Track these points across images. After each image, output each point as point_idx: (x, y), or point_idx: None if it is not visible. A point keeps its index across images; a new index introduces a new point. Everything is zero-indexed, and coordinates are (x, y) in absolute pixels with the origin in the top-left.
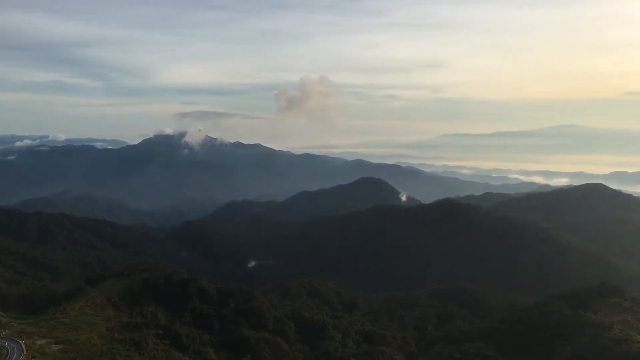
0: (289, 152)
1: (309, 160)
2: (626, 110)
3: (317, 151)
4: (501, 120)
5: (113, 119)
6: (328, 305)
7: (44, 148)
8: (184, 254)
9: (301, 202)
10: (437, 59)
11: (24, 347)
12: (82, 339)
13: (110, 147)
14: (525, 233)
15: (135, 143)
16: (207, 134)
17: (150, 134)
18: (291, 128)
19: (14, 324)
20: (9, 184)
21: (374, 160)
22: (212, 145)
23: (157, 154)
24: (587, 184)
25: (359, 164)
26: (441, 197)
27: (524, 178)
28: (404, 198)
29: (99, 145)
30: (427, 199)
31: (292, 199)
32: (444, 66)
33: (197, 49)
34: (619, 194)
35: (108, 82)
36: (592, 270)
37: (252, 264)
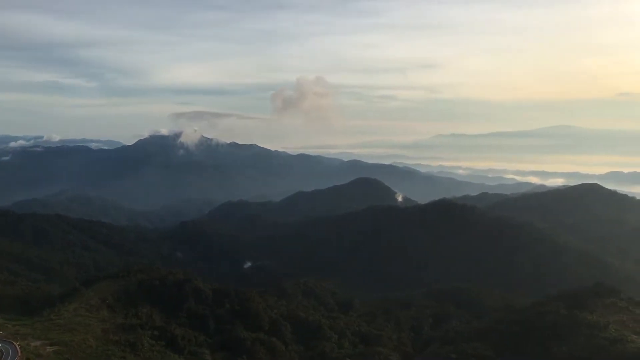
0: (285, 152)
1: (305, 161)
2: (621, 111)
3: (313, 151)
4: (497, 121)
5: (108, 120)
6: (324, 305)
7: (38, 149)
8: (180, 254)
9: (297, 202)
10: (433, 60)
11: (18, 349)
12: (77, 340)
13: (105, 147)
14: (521, 233)
15: (131, 143)
16: (202, 135)
17: (146, 135)
18: (287, 128)
19: (9, 326)
20: (4, 184)
21: (370, 161)
22: (208, 146)
23: (153, 155)
24: (583, 184)
25: (355, 164)
26: (437, 197)
27: (519, 178)
28: (400, 198)
29: (93, 145)
30: (423, 199)
31: (288, 200)
32: (440, 67)
33: (192, 50)
34: (614, 194)
35: (103, 83)
36: (588, 270)
37: (247, 264)
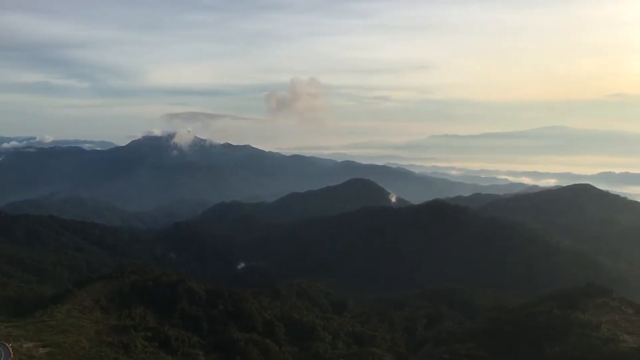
0: (279, 153)
1: (298, 162)
2: (612, 112)
3: (307, 152)
4: (490, 122)
5: (101, 120)
6: (318, 306)
7: (31, 149)
8: (173, 255)
9: (291, 203)
10: (426, 61)
11: (11, 350)
12: (69, 341)
13: (98, 148)
14: (514, 234)
15: (124, 144)
16: (196, 135)
17: (139, 135)
18: (281, 129)
19: (1, 327)
20: None
21: (363, 161)
22: (201, 147)
23: (146, 156)
24: (575, 185)
25: (349, 165)
26: (431, 198)
27: (512, 179)
28: (393, 199)
29: (86, 146)
30: (416, 199)
31: (282, 200)
32: (434, 68)
33: (186, 50)
34: (606, 194)
35: (96, 83)
36: (581, 270)
37: (241, 265)
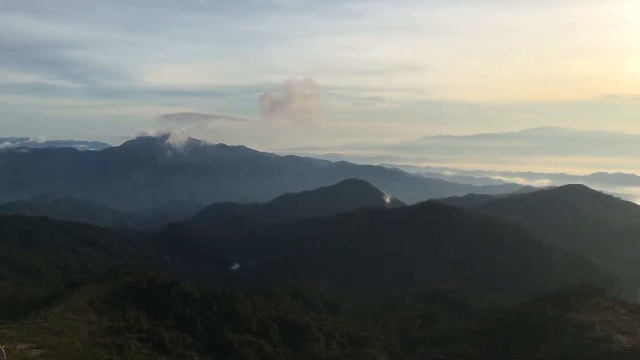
0: (273, 154)
1: (293, 162)
2: (605, 113)
3: (301, 153)
4: (483, 122)
5: (95, 121)
6: (312, 307)
7: (24, 150)
8: (167, 256)
9: (285, 204)
10: (420, 62)
11: (4, 352)
12: (63, 343)
13: (91, 149)
14: (508, 234)
15: (118, 145)
16: (190, 136)
17: (133, 136)
18: (275, 130)
19: None
20: None
21: (358, 162)
22: (196, 147)
23: (140, 156)
24: (569, 185)
25: (343, 165)
26: (425, 198)
27: (506, 179)
28: (388, 199)
29: (80, 147)
30: (411, 200)
31: (276, 201)
32: (427, 68)
33: (180, 51)
34: (599, 194)
35: (89, 84)
36: (574, 270)
37: (235, 266)
